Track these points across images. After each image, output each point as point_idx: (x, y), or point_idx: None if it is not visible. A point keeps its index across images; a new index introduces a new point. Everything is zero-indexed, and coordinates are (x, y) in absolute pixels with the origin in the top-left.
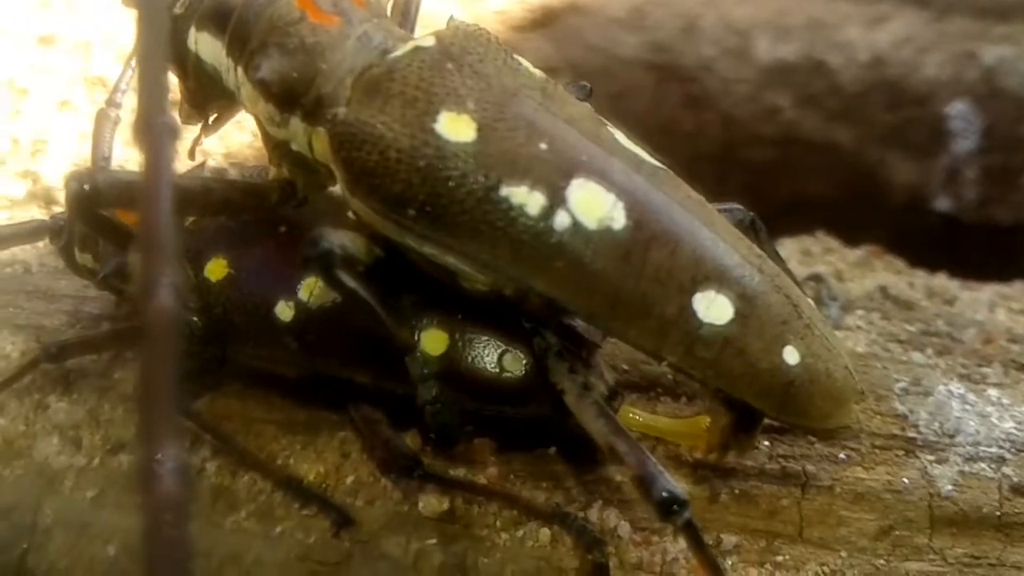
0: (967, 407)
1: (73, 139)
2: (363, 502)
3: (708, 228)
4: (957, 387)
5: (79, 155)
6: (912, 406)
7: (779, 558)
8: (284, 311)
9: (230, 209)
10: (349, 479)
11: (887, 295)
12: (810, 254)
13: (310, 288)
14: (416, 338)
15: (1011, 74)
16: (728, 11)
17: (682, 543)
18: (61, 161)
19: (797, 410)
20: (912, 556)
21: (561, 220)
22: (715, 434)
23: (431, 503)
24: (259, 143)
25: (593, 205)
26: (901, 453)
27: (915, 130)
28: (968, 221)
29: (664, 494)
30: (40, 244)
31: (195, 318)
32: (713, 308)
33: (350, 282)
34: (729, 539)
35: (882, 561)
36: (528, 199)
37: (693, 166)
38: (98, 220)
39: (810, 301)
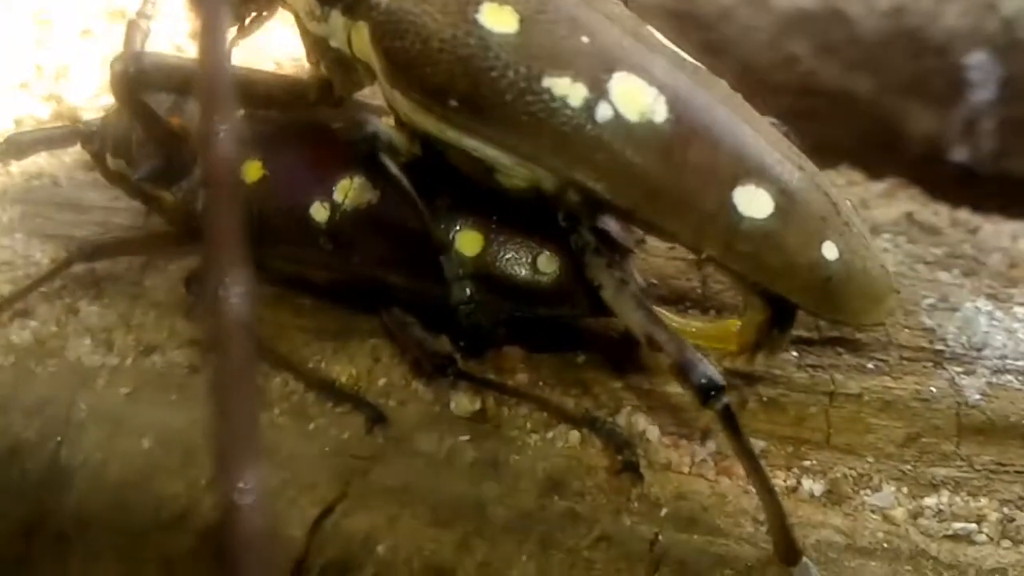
0: (994, 323)
1: (95, 65)
2: (395, 403)
3: (748, 125)
4: (985, 304)
5: (101, 79)
6: (940, 320)
7: (806, 463)
8: (319, 212)
9: (270, 103)
10: (381, 382)
11: (913, 221)
12: (835, 185)
13: (345, 189)
14: (451, 239)
15: None
16: None
17: (711, 445)
18: (84, 85)
19: (835, 305)
20: (939, 462)
21: (603, 112)
22: (748, 333)
23: (463, 403)
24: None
25: (635, 98)
26: (929, 365)
27: (933, 80)
28: (984, 172)
29: (703, 380)
30: (67, 159)
31: None
32: (753, 202)
33: (393, 168)
34: (757, 444)
35: (909, 467)
36: (570, 90)
37: None
38: (141, 107)
39: (848, 202)
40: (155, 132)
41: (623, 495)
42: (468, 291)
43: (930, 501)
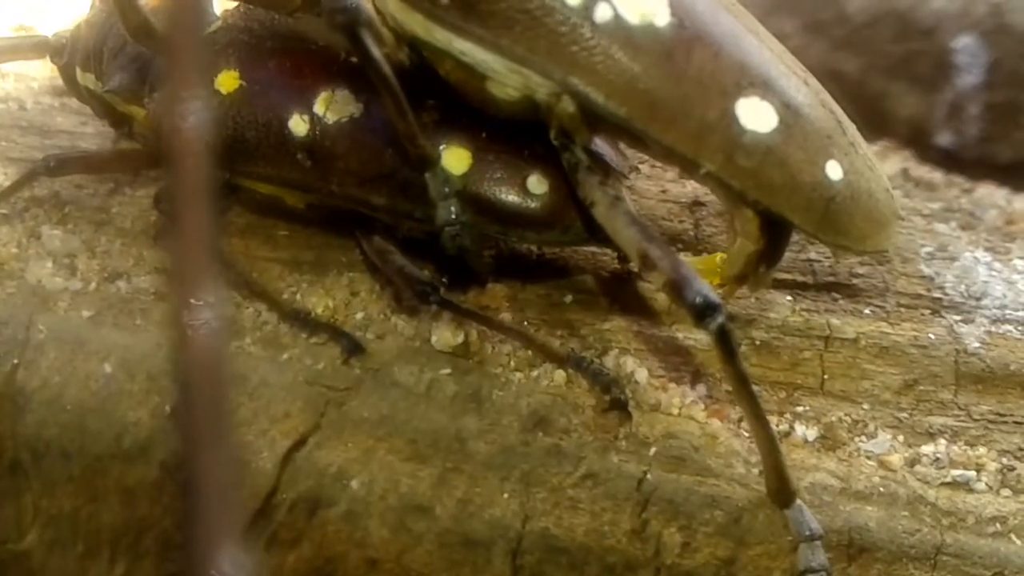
0: (993, 273)
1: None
2: (373, 337)
3: (754, 36)
4: (983, 255)
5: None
6: (938, 269)
7: (799, 408)
8: (298, 125)
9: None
10: (359, 315)
11: (908, 177)
12: None
13: (326, 102)
14: (437, 155)
15: (1018, 11)
16: None
17: (701, 388)
18: (57, 17)
19: (837, 228)
20: (936, 411)
21: (602, 12)
22: (735, 264)
23: (445, 336)
24: None
25: None
26: (927, 312)
27: (921, 63)
28: (969, 157)
29: (698, 298)
30: (34, 84)
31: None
32: (756, 115)
33: (374, 50)
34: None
35: (905, 414)
36: None
37: None
38: None
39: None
40: (133, 21)
41: (610, 433)
42: (454, 211)
43: (927, 449)
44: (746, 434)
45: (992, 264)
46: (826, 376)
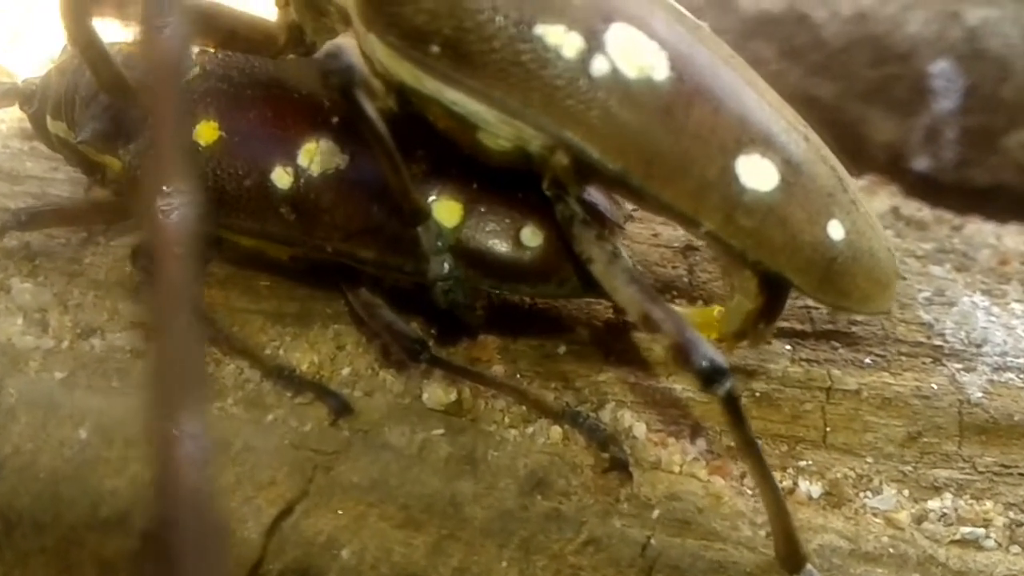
0: (992, 318)
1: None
2: (361, 394)
3: (752, 89)
4: (981, 299)
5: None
6: (937, 315)
7: (802, 463)
8: (282, 178)
9: (233, 43)
10: (345, 371)
11: (899, 215)
12: None
13: (311, 153)
14: (429, 209)
15: (994, 35)
16: None
17: (701, 443)
18: (31, 57)
19: (838, 289)
20: (940, 463)
21: (599, 66)
22: (734, 321)
23: (436, 394)
24: None
25: (634, 52)
26: (928, 360)
27: (897, 87)
28: (946, 182)
29: (705, 362)
30: (3, 127)
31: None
32: (757, 173)
33: (370, 109)
34: None
35: (910, 467)
36: (564, 40)
37: None
38: (93, 40)
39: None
40: (105, 76)
41: (611, 495)
42: (447, 266)
43: (934, 504)
44: (749, 492)
45: (990, 309)
46: (828, 428)
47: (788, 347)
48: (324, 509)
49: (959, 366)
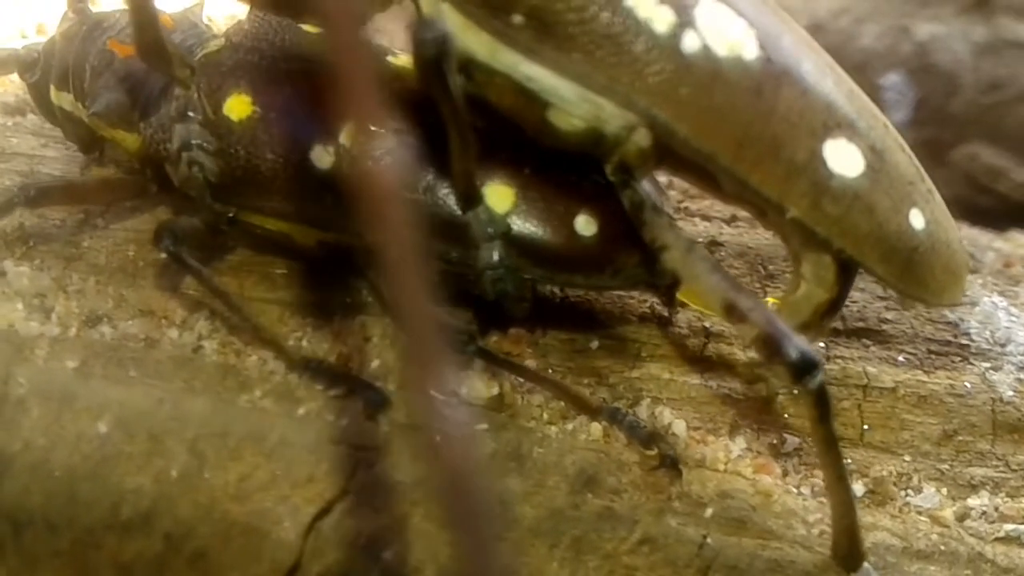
0: (1013, 318)
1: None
2: (393, 387)
3: (833, 73)
4: (1000, 300)
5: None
6: (961, 315)
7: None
8: (322, 158)
9: (278, 6)
10: (374, 363)
11: None
12: None
13: (354, 132)
14: (481, 194)
15: (942, 51)
16: None
17: (741, 441)
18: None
19: (917, 279)
20: (976, 462)
21: (690, 42)
22: (803, 312)
23: (478, 388)
24: None
25: (724, 29)
26: (958, 359)
27: None
28: None
29: (796, 354)
30: None
31: (212, 162)
32: (844, 158)
33: (456, 86)
34: (790, 441)
35: (947, 466)
36: (655, 13)
37: None
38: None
39: None
40: (148, 39)
41: (663, 493)
42: (497, 254)
43: (973, 502)
44: (795, 491)
45: (1009, 309)
46: (866, 427)
47: (822, 345)
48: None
49: (987, 365)
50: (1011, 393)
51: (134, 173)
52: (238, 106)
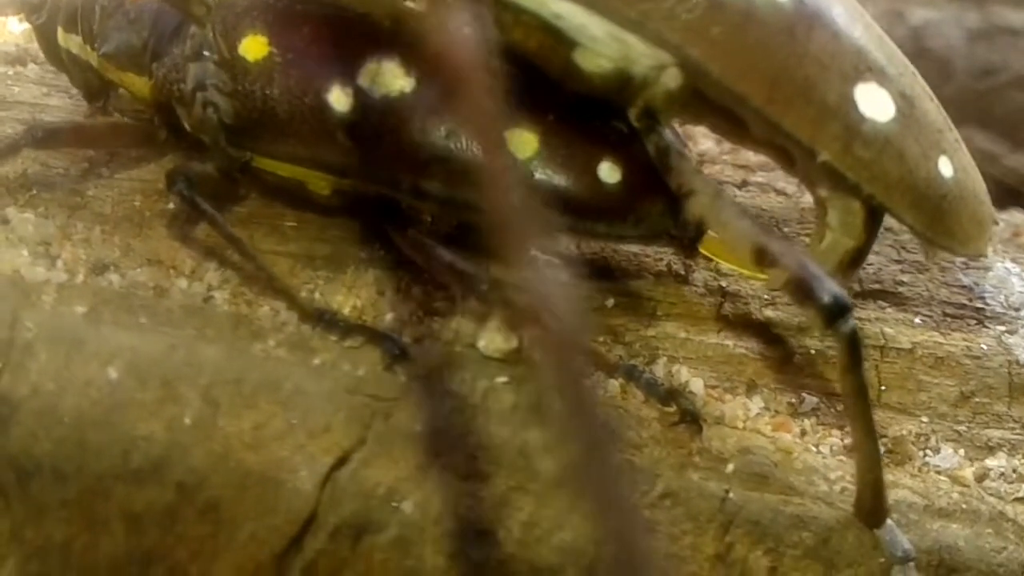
0: None
1: None
2: (409, 340)
3: (863, 20)
4: (1012, 266)
5: None
6: (976, 279)
7: None
8: (340, 100)
9: None
10: (388, 316)
11: None
12: None
13: (373, 74)
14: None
15: (936, 36)
16: None
17: (758, 400)
18: None
19: (945, 228)
20: (993, 423)
21: None
22: (830, 260)
23: (495, 341)
24: None
25: None
26: (974, 322)
27: None
28: None
29: (829, 298)
30: None
31: (227, 104)
32: (875, 103)
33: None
34: (808, 400)
35: (964, 427)
36: None
37: None
38: None
39: None
40: None
41: (684, 448)
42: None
43: (992, 463)
44: (814, 448)
45: (1022, 275)
46: (883, 387)
47: None
48: (384, 459)
49: (1003, 328)
50: None
51: (140, 122)
52: (254, 47)
